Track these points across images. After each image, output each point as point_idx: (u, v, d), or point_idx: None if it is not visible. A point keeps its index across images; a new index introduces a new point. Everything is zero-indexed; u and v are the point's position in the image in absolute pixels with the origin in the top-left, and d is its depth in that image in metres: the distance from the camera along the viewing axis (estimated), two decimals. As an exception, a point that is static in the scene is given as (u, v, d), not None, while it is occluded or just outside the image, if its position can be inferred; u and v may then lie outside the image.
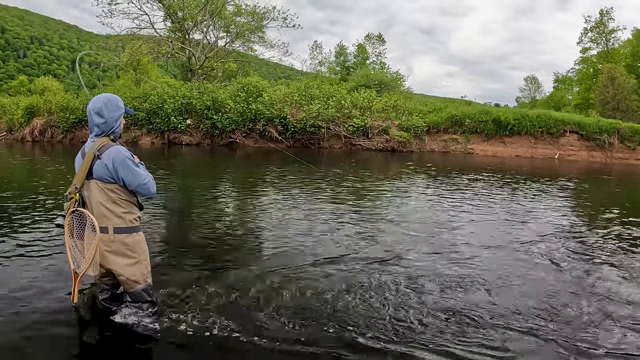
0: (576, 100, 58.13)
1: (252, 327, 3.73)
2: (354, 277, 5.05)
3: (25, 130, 29.01)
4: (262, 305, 4.18)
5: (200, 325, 3.72)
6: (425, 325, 3.90)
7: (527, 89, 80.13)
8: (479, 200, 10.40)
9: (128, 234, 3.60)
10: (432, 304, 4.34)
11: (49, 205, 8.24)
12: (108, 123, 3.55)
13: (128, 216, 3.60)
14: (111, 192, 3.51)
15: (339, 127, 26.45)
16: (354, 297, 4.45)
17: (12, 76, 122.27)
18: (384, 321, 3.94)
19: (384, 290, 4.66)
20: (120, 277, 3.65)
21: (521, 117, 27.82)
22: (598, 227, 8.09)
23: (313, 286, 4.71)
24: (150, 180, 3.61)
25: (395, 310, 4.19)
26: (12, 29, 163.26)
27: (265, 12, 38.18)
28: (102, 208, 3.51)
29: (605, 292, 4.85)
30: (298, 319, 3.92)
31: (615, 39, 56.30)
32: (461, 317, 4.08)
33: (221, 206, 9.23)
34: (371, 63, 62.30)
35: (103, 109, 3.53)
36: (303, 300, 4.34)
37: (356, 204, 9.68)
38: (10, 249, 5.57)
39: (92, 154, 3.46)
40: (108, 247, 3.54)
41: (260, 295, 4.40)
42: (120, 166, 3.44)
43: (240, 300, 4.26)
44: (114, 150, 3.47)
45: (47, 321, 3.74)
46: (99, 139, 3.53)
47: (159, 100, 27.17)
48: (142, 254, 3.71)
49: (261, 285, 4.69)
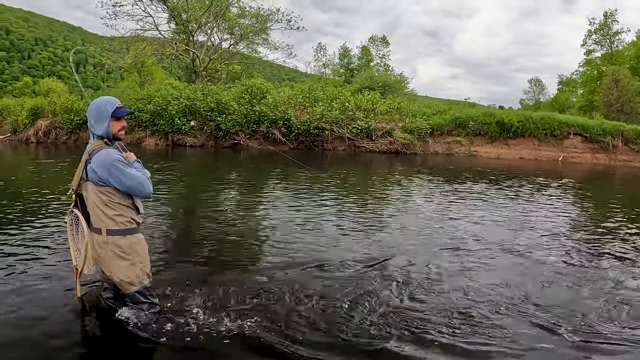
0: (580, 102, 57.94)
1: (255, 328, 3.75)
2: (356, 278, 5.05)
3: (30, 131, 29.07)
4: (265, 306, 4.19)
5: (202, 325, 3.74)
6: (433, 324, 3.90)
7: (531, 91, 79.94)
8: (484, 201, 10.40)
9: (122, 236, 3.63)
10: (437, 304, 4.34)
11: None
12: (96, 124, 3.60)
13: (120, 218, 3.62)
14: (103, 194, 3.55)
15: (342, 129, 26.45)
16: (357, 298, 4.46)
17: (17, 77, 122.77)
18: (388, 322, 3.95)
19: (388, 291, 4.66)
20: (114, 279, 3.68)
21: (525, 120, 27.77)
22: (608, 228, 8.07)
23: (316, 287, 4.72)
24: (144, 180, 3.61)
25: (404, 309, 4.19)
26: (16, 30, 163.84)
27: (269, 14, 38.26)
28: (96, 209, 3.57)
29: (618, 291, 4.86)
30: (301, 320, 3.93)
31: (619, 41, 56.07)
32: (468, 315, 4.09)
33: (224, 207, 9.25)
34: (375, 65, 62.16)
35: (92, 111, 3.61)
36: (307, 302, 4.35)
37: (360, 205, 9.68)
38: (16, 246, 5.60)
39: (85, 157, 3.55)
40: (101, 248, 3.59)
41: (263, 296, 4.41)
42: (109, 170, 3.47)
43: (243, 301, 4.28)
44: (102, 154, 3.50)
45: (51, 319, 3.77)
46: (95, 141, 3.60)
47: (163, 102, 27.20)
48: (137, 256, 3.72)
49: (264, 286, 4.71)
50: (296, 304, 4.29)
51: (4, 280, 4.57)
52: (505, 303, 4.47)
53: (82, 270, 3.58)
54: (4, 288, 4.36)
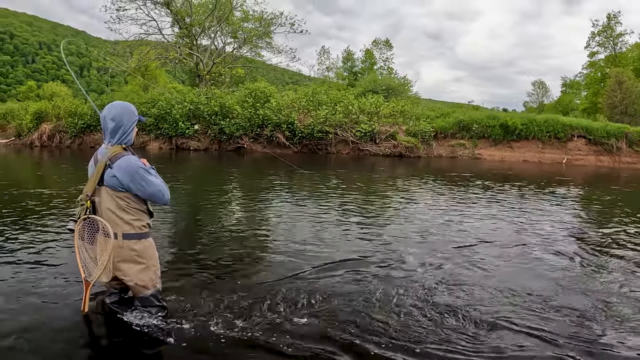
0: (584, 104, 57.92)
1: (261, 332, 3.74)
2: (362, 281, 5.04)
3: (34, 135, 29.19)
4: (272, 309, 4.18)
5: (209, 330, 3.73)
6: (439, 326, 3.89)
7: (535, 93, 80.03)
8: (489, 204, 10.38)
9: (137, 240, 3.63)
10: (444, 306, 4.32)
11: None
12: (121, 130, 3.57)
13: (137, 223, 3.62)
14: (121, 199, 3.53)
15: (346, 132, 26.50)
16: (363, 301, 4.45)
17: (21, 81, 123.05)
18: (393, 324, 3.94)
19: (394, 294, 4.64)
20: (129, 282, 3.68)
21: (529, 122, 27.80)
22: (614, 231, 8.04)
23: (323, 290, 4.70)
24: (163, 187, 3.62)
25: (410, 314, 4.16)
26: (20, 34, 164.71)
27: (272, 17, 38.35)
28: (111, 215, 3.53)
29: (623, 293, 4.84)
30: (308, 323, 3.93)
31: (622, 42, 56.00)
32: (472, 318, 4.07)
33: (229, 211, 9.25)
34: (379, 68, 62.20)
35: (118, 116, 3.56)
36: (314, 305, 4.33)
37: (364, 208, 9.68)
38: (24, 253, 5.60)
39: (103, 162, 3.48)
40: (117, 253, 3.57)
41: (269, 300, 4.40)
42: (132, 177, 3.45)
43: (249, 305, 4.26)
44: (125, 161, 3.47)
45: (57, 325, 3.76)
46: (112, 147, 3.55)
47: (167, 106, 27.32)
48: (151, 259, 3.74)
49: (270, 289, 4.69)
50: (306, 308, 4.28)
51: (8, 285, 4.58)
52: (522, 307, 4.44)
53: (99, 279, 3.55)
54: (10, 292, 4.37)
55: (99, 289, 4.28)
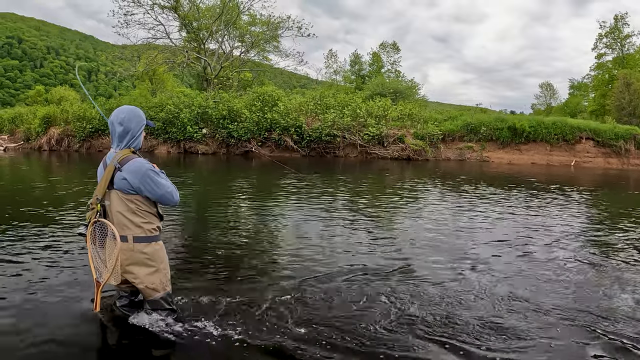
0: (592, 106, 57.56)
1: (269, 335, 3.75)
2: (370, 285, 5.04)
3: (42, 139, 29.45)
4: (280, 314, 4.19)
5: (218, 332, 3.74)
6: (449, 328, 3.88)
7: (543, 95, 79.71)
8: (497, 206, 10.35)
9: (147, 243, 3.65)
10: (450, 310, 4.32)
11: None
12: (129, 134, 3.61)
13: (147, 226, 3.65)
14: (131, 202, 3.56)
15: (354, 135, 26.52)
16: (369, 306, 4.44)
17: (29, 86, 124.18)
18: (399, 329, 3.93)
19: (404, 298, 4.64)
20: (139, 285, 3.70)
21: (537, 124, 27.70)
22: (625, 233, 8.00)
23: (332, 296, 4.70)
24: (173, 189, 3.65)
25: (413, 323, 4.16)
26: (28, 39, 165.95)
27: (280, 21, 38.30)
28: (121, 218, 3.56)
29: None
30: (316, 328, 3.93)
31: (630, 44, 55.68)
32: (495, 323, 4.05)
33: (237, 215, 9.27)
34: (386, 71, 62.22)
35: (126, 121, 3.59)
36: (322, 310, 4.33)
37: (372, 212, 9.68)
38: (34, 256, 5.65)
39: (113, 166, 3.51)
40: (127, 256, 3.59)
41: (278, 304, 4.41)
42: (142, 179, 3.48)
43: (258, 309, 4.27)
44: (135, 164, 3.50)
45: (69, 329, 3.80)
46: (121, 150, 3.58)
47: (175, 110, 27.46)
48: (161, 262, 3.76)
49: (279, 293, 4.70)
50: (314, 313, 4.28)
51: (18, 286, 4.62)
52: (535, 309, 4.43)
53: (107, 281, 3.58)
54: (20, 296, 4.41)
55: (110, 292, 4.32)
